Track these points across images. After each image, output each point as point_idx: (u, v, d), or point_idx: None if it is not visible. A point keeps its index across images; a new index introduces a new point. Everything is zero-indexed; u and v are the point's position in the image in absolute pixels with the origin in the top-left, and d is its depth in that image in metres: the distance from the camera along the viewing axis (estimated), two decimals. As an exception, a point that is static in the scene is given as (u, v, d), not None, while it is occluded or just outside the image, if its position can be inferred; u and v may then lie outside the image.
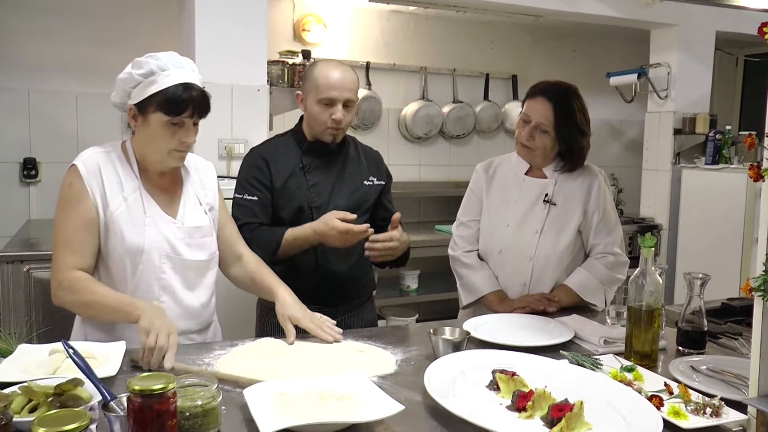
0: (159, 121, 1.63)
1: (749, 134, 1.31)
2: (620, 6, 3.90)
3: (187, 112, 1.64)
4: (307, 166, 2.08)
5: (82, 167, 1.65)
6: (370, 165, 2.20)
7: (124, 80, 1.66)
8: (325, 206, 2.05)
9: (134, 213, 1.68)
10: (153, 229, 1.68)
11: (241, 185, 2.08)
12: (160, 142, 1.66)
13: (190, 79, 1.65)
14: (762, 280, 1.10)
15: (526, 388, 1.30)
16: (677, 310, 1.77)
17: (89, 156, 1.69)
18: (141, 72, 1.63)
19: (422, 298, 3.92)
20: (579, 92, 2.09)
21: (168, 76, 1.62)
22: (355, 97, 2.04)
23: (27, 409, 1.16)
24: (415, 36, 4.45)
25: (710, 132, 4.27)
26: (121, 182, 1.68)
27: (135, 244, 1.66)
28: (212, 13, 2.88)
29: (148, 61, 1.63)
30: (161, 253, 1.69)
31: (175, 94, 1.61)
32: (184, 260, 1.73)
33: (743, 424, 1.22)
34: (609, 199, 2.15)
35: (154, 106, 1.63)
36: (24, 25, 3.38)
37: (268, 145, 2.16)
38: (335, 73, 2.01)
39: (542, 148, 2.07)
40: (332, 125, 2.02)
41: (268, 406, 1.20)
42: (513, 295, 2.14)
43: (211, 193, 1.86)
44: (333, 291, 2.09)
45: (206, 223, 1.80)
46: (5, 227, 3.27)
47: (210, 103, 1.70)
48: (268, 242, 1.98)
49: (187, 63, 1.68)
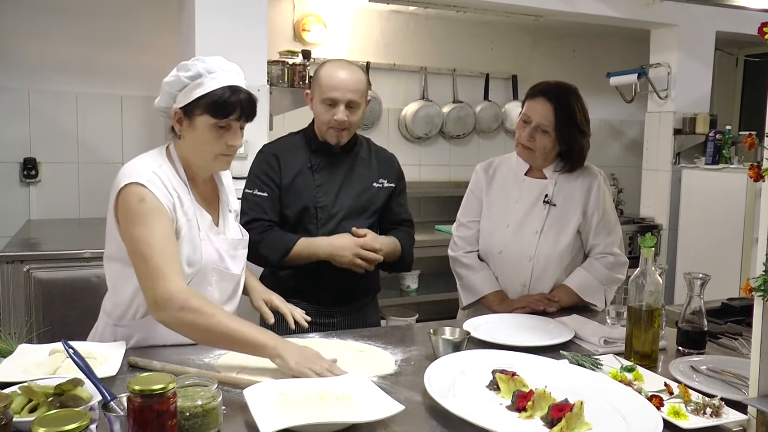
0: (206, 124, 1.60)
1: (749, 134, 1.31)
2: (620, 6, 3.90)
3: (235, 114, 1.60)
4: (315, 166, 2.08)
5: (147, 183, 1.55)
6: (382, 167, 2.18)
7: (171, 83, 1.62)
8: (330, 206, 2.04)
9: (192, 228, 1.64)
10: (207, 244, 1.66)
11: (252, 181, 2.08)
12: (206, 146, 1.62)
13: (237, 82, 1.62)
14: (762, 280, 1.10)
15: (526, 388, 1.30)
16: (677, 310, 1.77)
17: (143, 172, 1.57)
18: (188, 75, 1.60)
19: (422, 298, 3.92)
20: (579, 92, 2.09)
21: (215, 78, 1.59)
22: (359, 98, 2.02)
23: (27, 409, 1.16)
24: (415, 36, 4.45)
25: (710, 132, 4.27)
26: (180, 197, 1.62)
27: (193, 260, 1.62)
28: (212, 12, 2.88)
29: (195, 63, 1.60)
30: (213, 266, 1.67)
31: (222, 97, 1.58)
32: (231, 274, 1.72)
33: (743, 424, 1.22)
34: (609, 200, 2.15)
35: (201, 108, 1.59)
36: (24, 25, 3.38)
37: (280, 142, 2.16)
38: (339, 74, 2.00)
39: (543, 149, 2.07)
40: (334, 126, 2.01)
41: (268, 406, 1.20)
42: (513, 295, 2.14)
43: (233, 199, 1.85)
44: (336, 293, 2.09)
45: (244, 234, 1.79)
46: (5, 227, 3.26)
47: (257, 107, 1.66)
48: (279, 247, 1.98)
49: (234, 67, 1.66)
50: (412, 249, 2.18)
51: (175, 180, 1.63)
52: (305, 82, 3.30)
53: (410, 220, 2.24)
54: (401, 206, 2.22)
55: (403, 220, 2.22)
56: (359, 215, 2.07)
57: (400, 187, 2.22)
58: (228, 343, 1.47)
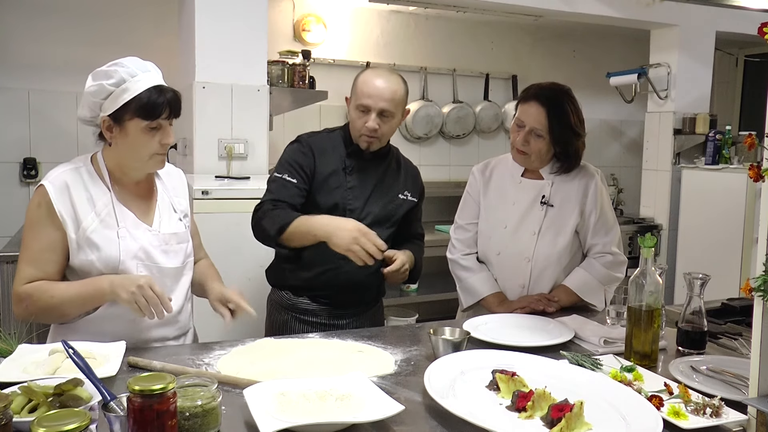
0: (137, 127, 1.62)
1: (749, 134, 1.31)
2: (620, 6, 3.90)
3: (164, 114, 1.63)
4: (348, 168, 2.07)
5: (50, 188, 1.62)
6: (408, 179, 2.18)
7: (94, 93, 1.63)
8: (359, 211, 2.03)
9: (108, 226, 1.66)
10: (128, 239, 1.67)
11: (283, 165, 2.06)
12: (141, 148, 1.65)
13: (159, 81, 1.65)
14: (762, 280, 1.10)
15: (526, 388, 1.30)
16: (677, 310, 1.77)
17: (57, 176, 1.66)
18: (111, 82, 1.61)
19: (422, 298, 3.92)
20: (572, 93, 2.08)
21: (139, 81, 1.61)
22: (393, 108, 2.00)
23: (27, 409, 1.16)
24: (415, 36, 4.45)
25: (710, 132, 4.27)
26: (92, 198, 1.66)
27: (111, 256, 1.64)
28: (212, 13, 2.88)
29: (116, 69, 1.61)
30: (137, 261, 1.68)
31: (150, 99, 1.61)
32: (160, 267, 1.72)
33: (743, 424, 1.22)
34: (606, 199, 2.15)
35: (131, 113, 1.61)
36: (24, 25, 3.39)
37: (319, 137, 2.12)
38: (375, 82, 1.99)
39: (538, 152, 2.06)
40: (365, 132, 2.00)
41: (267, 407, 1.20)
42: (512, 296, 2.13)
43: (184, 200, 1.87)
44: (348, 295, 2.08)
45: (182, 230, 1.80)
46: (5, 227, 3.27)
47: (182, 102, 1.70)
48: (278, 220, 1.94)
49: (151, 66, 1.68)
50: (421, 263, 2.18)
51: (91, 182, 1.68)
52: (305, 82, 3.30)
53: (423, 235, 2.26)
54: (418, 221, 2.24)
55: (418, 234, 2.24)
56: (383, 224, 2.06)
57: (421, 203, 2.23)
58: (74, 308, 1.61)
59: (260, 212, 1.99)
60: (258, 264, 2.21)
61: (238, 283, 2.63)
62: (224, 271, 2.00)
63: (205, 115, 2.87)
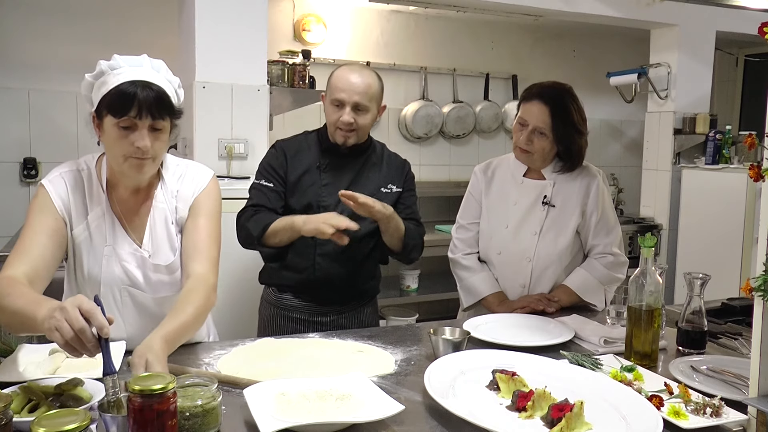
0: (110, 124, 1.48)
1: (749, 134, 1.31)
2: (620, 6, 3.90)
3: (133, 111, 1.45)
4: (323, 165, 2.10)
5: (50, 187, 1.55)
6: (391, 172, 2.17)
7: (83, 86, 1.55)
8: (333, 207, 2.04)
9: (95, 241, 1.56)
10: (112, 260, 1.56)
11: (260, 172, 2.13)
12: (114, 148, 1.50)
13: (146, 77, 1.49)
14: (762, 280, 1.10)
15: (526, 388, 1.30)
16: (677, 310, 1.77)
17: (57, 176, 1.58)
18: (93, 74, 1.52)
19: (422, 298, 3.92)
20: (574, 92, 2.09)
21: (118, 74, 1.48)
22: (367, 102, 2.03)
23: (27, 409, 1.17)
24: (415, 36, 4.45)
25: (710, 132, 4.27)
26: (87, 205, 1.56)
27: (93, 275, 1.56)
28: (212, 12, 2.88)
29: (100, 62, 1.51)
30: (120, 287, 1.58)
31: (117, 93, 1.45)
32: (145, 296, 1.61)
33: (743, 424, 1.22)
34: (608, 200, 2.15)
35: (105, 108, 1.47)
36: (24, 25, 3.39)
37: (293, 140, 2.18)
38: (349, 76, 2.03)
39: (541, 152, 2.06)
40: (341, 126, 2.02)
41: (267, 406, 1.20)
42: (513, 296, 2.14)
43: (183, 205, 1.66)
44: (327, 293, 2.10)
45: (171, 259, 1.62)
46: (5, 227, 3.27)
47: (171, 104, 1.52)
48: (260, 222, 2.00)
49: (146, 62, 1.54)
50: (417, 241, 2.14)
51: (90, 186, 1.58)
52: (305, 82, 3.30)
53: (417, 220, 2.21)
54: (410, 208, 2.19)
55: (408, 218, 2.17)
56: (363, 218, 2.06)
57: (408, 188, 2.20)
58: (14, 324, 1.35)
59: (243, 218, 2.06)
60: (257, 263, 2.23)
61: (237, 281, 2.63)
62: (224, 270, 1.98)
63: (205, 114, 2.88)
